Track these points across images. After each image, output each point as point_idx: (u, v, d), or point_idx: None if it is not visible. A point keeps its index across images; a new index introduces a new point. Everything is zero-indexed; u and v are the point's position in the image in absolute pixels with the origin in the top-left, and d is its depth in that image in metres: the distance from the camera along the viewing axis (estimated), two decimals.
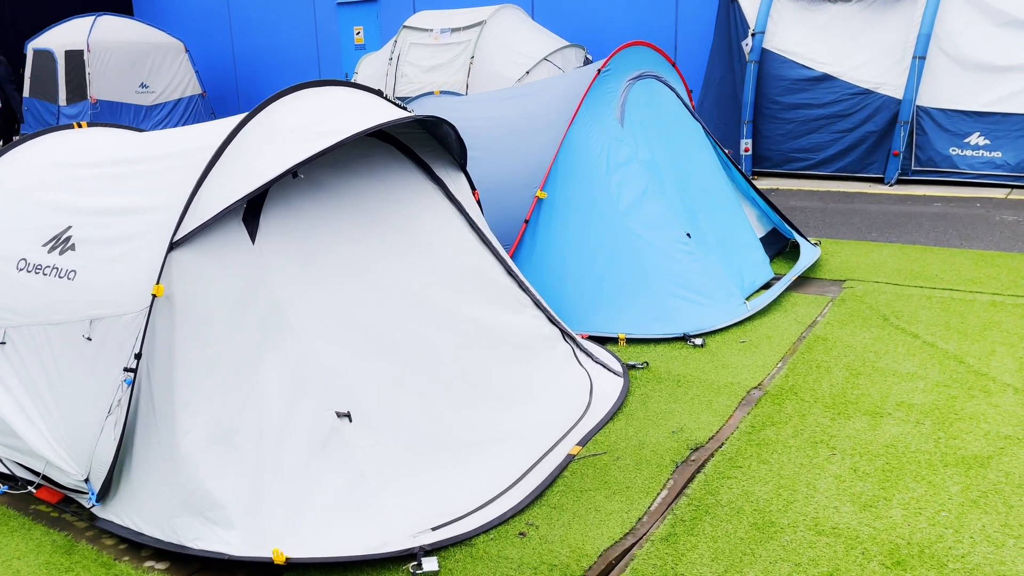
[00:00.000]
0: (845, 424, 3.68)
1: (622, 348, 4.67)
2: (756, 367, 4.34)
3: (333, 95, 3.62)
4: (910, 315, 5.00)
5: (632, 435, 3.65)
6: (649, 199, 5.13)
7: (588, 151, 5.09)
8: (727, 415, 3.83)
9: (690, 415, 3.82)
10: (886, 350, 4.49)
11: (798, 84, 10.73)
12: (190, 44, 20.27)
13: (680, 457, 3.45)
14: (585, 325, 4.83)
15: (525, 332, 3.99)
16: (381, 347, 3.29)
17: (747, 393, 4.05)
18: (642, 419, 3.80)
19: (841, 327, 4.85)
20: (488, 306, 3.89)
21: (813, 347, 4.57)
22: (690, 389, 4.10)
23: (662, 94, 5.79)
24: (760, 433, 3.63)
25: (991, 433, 3.54)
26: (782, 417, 3.77)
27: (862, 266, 6.12)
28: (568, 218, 5.01)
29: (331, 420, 3.00)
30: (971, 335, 4.64)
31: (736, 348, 4.61)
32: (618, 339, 4.74)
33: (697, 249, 5.17)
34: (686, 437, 3.61)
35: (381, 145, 3.82)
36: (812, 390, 4.04)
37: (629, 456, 3.47)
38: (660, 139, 5.49)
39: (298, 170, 3.12)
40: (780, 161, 10.98)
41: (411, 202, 3.81)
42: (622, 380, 4.13)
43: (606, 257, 4.92)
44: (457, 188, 4.20)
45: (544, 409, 3.72)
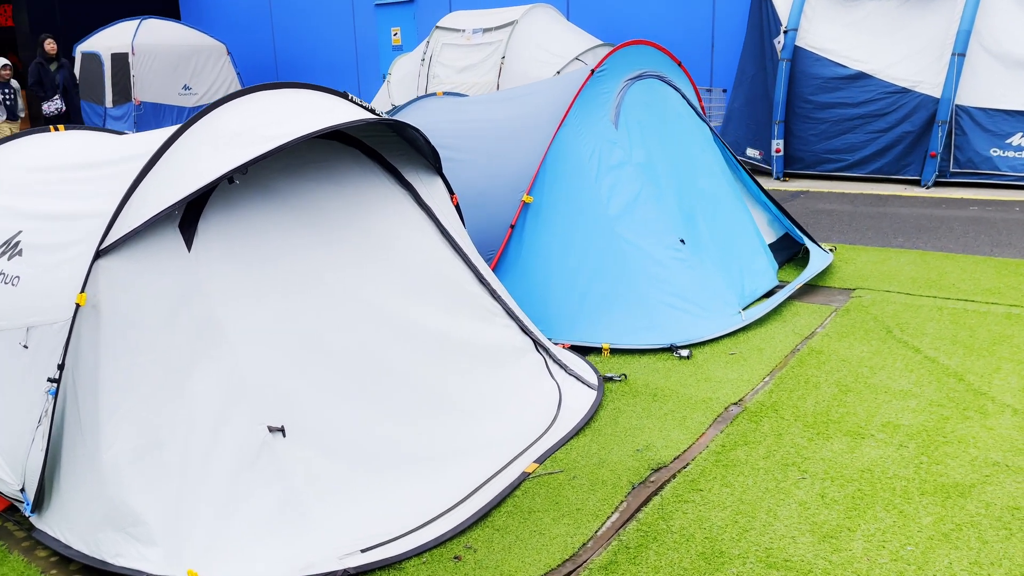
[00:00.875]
0: (822, 445, 3.47)
1: (605, 358, 4.50)
2: (740, 381, 4.13)
3: (289, 97, 3.52)
4: (916, 327, 4.73)
5: (594, 452, 3.49)
6: (642, 203, 4.94)
7: (578, 154, 4.93)
8: (699, 433, 3.64)
9: (660, 432, 3.64)
10: (883, 365, 4.24)
11: (832, 83, 10.39)
12: (234, 46, 20.55)
13: (639, 478, 3.28)
14: (569, 334, 4.67)
15: (493, 343, 3.85)
16: (326, 358, 3.19)
17: (725, 409, 3.85)
18: (609, 435, 3.63)
19: (839, 339, 4.61)
20: (453, 316, 3.76)
21: (805, 360, 4.35)
22: (666, 404, 3.92)
23: (664, 94, 5.60)
24: (730, 453, 3.44)
25: (978, 459, 3.30)
26: (757, 436, 3.57)
27: (876, 274, 5.84)
28: (555, 223, 4.85)
29: (263, 434, 2.90)
30: (977, 350, 4.37)
31: (723, 360, 4.40)
32: (602, 349, 4.57)
33: (691, 256, 4.97)
34: (650, 456, 3.44)
35: (344, 149, 3.72)
36: (795, 407, 3.82)
37: (586, 475, 3.31)
38: (658, 141, 5.30)
39: (235, 176, 3.03)
40: (813, 162, 10.64)
41: (374, 208, 3.69)
42: (595, 393, 3.97)
43: (593, 263, 4.75)
44: (430, 193, 4.08)
45: (505, 423, 3.57)
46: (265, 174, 3.33)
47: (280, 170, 3.40)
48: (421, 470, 3.20)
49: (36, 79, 12.60)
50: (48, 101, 12.56)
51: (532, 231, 4.88)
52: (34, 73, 12.61)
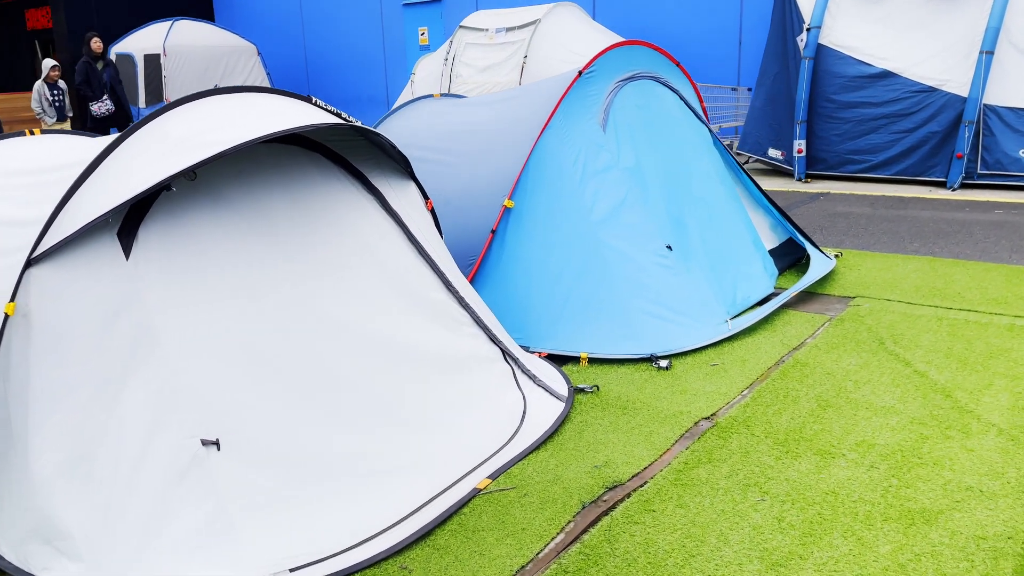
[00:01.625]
0: (790, 465, 3.32)
1: (583, 368, 4.38)
2: (716, 394, 3.99)
3: (245, 101, 3.46)
4: (911, 339, 4.54)
5: (551, 468, 3.38)
6: (628, 209, 4.81)
7: (562, 158, 4.81)
8: (663, 449, 3.50)
9: (623, 447, 3.52)
10: (868, 379, 4.06)
11: (856, 81, 10.12)
12: (266, 47, 20.73)
13: (591, 496, 3.16)
14: (547, 342, 4.56)
15: (456, 352, 3.76)
16: (269, 370, 3.12)
17: (695, 424, 3.71)
18: (570, 450, 3.52)
19: (828, 351, 4.44)
20: (414, 325, 3.67)
21: (788, 373, 4.18)
22: (635, 417, 3.79)
23: (659, 96, 5.45)
24: (691, 471, 3.30)
25: (951, 483, 3.12)
26: (723, 454, 3.43)
27: (879, 281, 5.63)
28: (536, 228, 4.74)
29: (195, 448, 2.84)
30: (971, 364, 4.17)
31: (703, 372, 4.25)
32: (580, 358, 4.45)
33: (677, 262, 4.82)
34: (608, 473, 3.32)
35: (306, 154, 3.65)
36: (768, 423, 3.67)
37: (538, 492, 3.20)
38: (649, 144, 5.16)
39: (173, 183, 2.98)
40: (836, 163, 10.38)
41: (334, 214, 3.62)
42: (563, 405, 3.85)
43: (574, 270, 4.63)
44: (400, 198, 4.00)
45: (461, 437, 3.48)
46: (217, 180, 3.27)
47: (233, 175, 3.34)
48: (366, 486, 3.11)
49: (84, 78, 12.35)
50: (98, 101, 12.34)
51: (514, 236, 4.78)
52: (81, 72, 12.38)
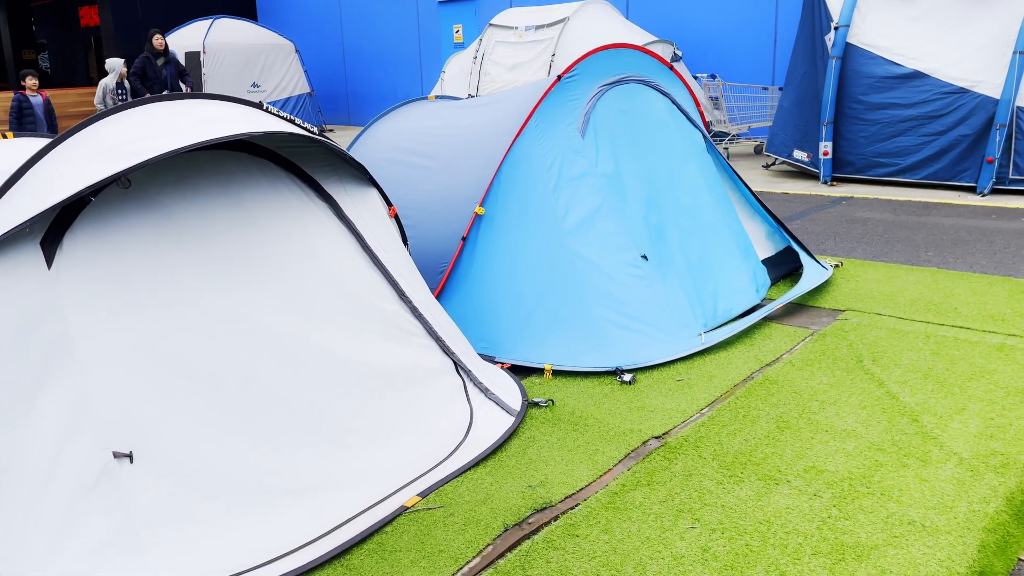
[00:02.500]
0: (730, 490, 3.19)
1: (546, 380, 4.29)
2: (675, 411, 3.86)
3: (188, 108, 3.45)
4: (891, 357, 4.35)
5: (485, 487, 3.30)
6: (602, 217, 4.70)
7: (536, 164, 4.71)
8: (605, 469, 3.40)
9: (564, 466, 3.42)
10: (835, 399, 3.90)
11: (885, 82, 9.81)
12: (307, 45, 20.94)
13: (516, 518, 3.07)
14: (512, 352, 4.48)
15: (402, 365, 3.70)
16: (194, 382, 3.09)
17: (643, 443, 3.60)
18: (510, 467, 3.44)
19: (801, 368, 4.27)
20: (359, 337, 3.62)
21: (754, 391, 4.04)
22: (584, 434, 3.69)
23: (647, 100, 5.32)
24: (627, 494, 3.20)
25: (894, 516, 2.96)
26: (664, 476, 3.31)
27: (875, 294, 5.42)
28: (506, 236, 4.66)
29: (106, 460, 2.83)
30: (948, 386, 3.97)
31: (667, 387, 4.13)
32: (544, 370, 4.36)
33: (652, 273, 4.69)
34: (541, 494, 3.23)
35: (253, 161, 3.62)
36: (719, 444, 3.54)
37: (464, 512, 3.12)
38: (631, 150, 5.03)
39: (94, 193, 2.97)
40: (862, 166, 10.09)
41: (280, 222, 3.58)
42: (513, 420, 3.77)
43: (542, 280, 4.54)
44: (357, 205, 3.96)
45: (396, 452, 3.42)
46: (154, 187, 3.26)
47: (173, 183, 3.32)
48: (285, 503, 3.07)
49: (138, 72, 12.40)
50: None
51: (484, 244, 4.70)
52: (138, 66, 12.45)
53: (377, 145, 5.63)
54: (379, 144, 5.62)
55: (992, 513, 2.96)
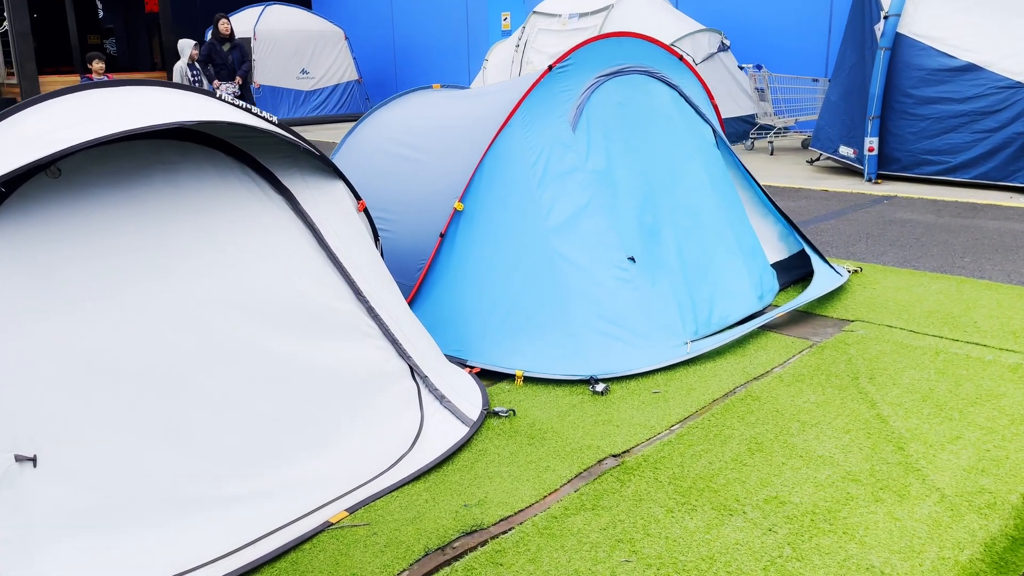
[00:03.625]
0: (680, 519, 2.93)
1: (516, 387, 4.07)
2: (642, 427, 3.61)
3: (127, 95, 3.32)
4: (891, 376, 4.01)
5: (419, 503, 3.10)
6: (589, 215, 4.44)
7: (521, 158, 4.48)
8: (552, 489, 3.17)
9: (509, 484, 3.21)
10: (818, 421, 3.60)
11: (936, 75, 9.28)
12: (358, 33, 20.92)
13: (441, 542, 2.87)
14: (485, 356, 4.26)
15: (354, 368, 3.52)
16: (110, 381, 2.95)
17: (599, 461, 3.35)
18: (451, 483, 3.23)
19: (790, 384, 3.97)
20: (308, 337, 3.45)
21: (733, 408, 3.75)
22: (539, 448, 3.46)
23: (650, 93, 5.03)
24: (568, 519, 2.96)
25: (851, 559, 2.68)
26: (611, 500, 3.07)
27: (890, 303, 5.05)
28: (486, 234, 4.44)
29: (7, 464, 2.71)
30: (947, 410, 3.63)
31: (641, 399, 3.87)
32: (516, 376, 4.13)
33: (640, 276, 4.42)
34: (475, 514, 3.01)
35: (202, 151, 3.47)
36: (680, 466, 3.28)
37: (389, 532, 2.93)
38: (627, 145, 4.76)
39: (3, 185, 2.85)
40: (910, 164, 9.58)
41: (226, 215, 3.43)
42: (467, 431, 3.56)
43: (520, 280, 4.31)
44: (317, 199, 3.79)
45: (336, 462, 3.24)
46: (87, 177, 3.13)
47: (109, 173, 3.18)
48: (205, 513, 2.92)
49: (205, 56, 12.29)
50: (224, 83, 12.21)
51: (463, 242, 4.49)
52: (204, 52, 12.37)
53: (372, 134, 5.46)
54: (374, 133, 5.45)
55: (965, 562, 2.65)
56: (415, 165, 4.95)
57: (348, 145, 5.56)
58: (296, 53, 18.44)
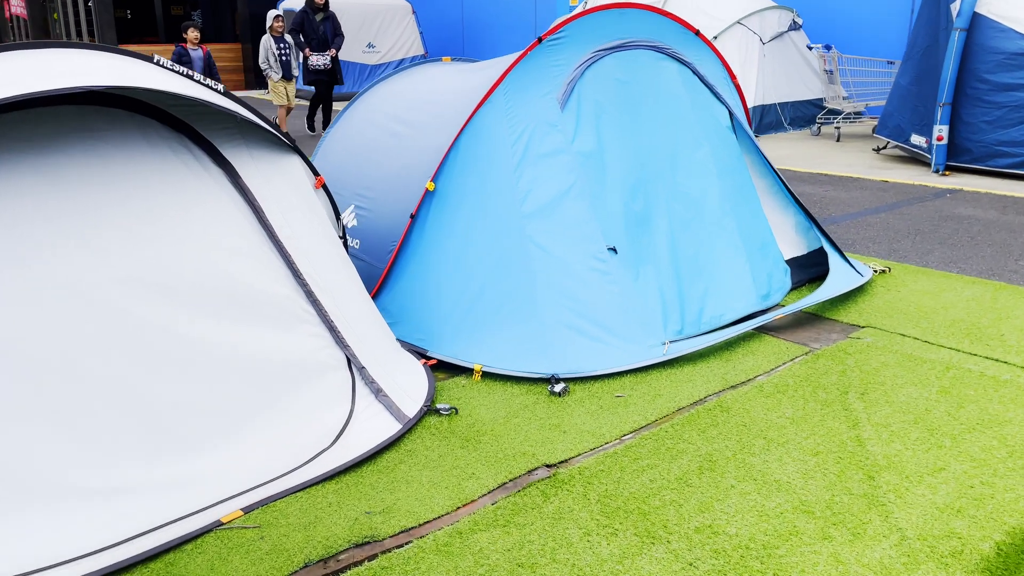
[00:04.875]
0: (596, 544, 2.62)
1: (473, 382, 3.80)
2: (591, 435, 3.30)
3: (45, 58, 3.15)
4: (885, 392, 3.59)
5: (321, 507, 2.87)
6: (571, 201, 4.11)
7: (500, 137, 4.17)
8: (469, 499, 2.90)
9: (427, 490, 2.95)
10: (788, 439, 3.22)
11: (1016, 59, 8.56)
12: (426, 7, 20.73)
13: (326, 553, 2.63)
14: (446, 347, 4.00)
15: (283, 356, 3.30)
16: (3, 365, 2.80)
17: (530, 471, 3.06)
18: (363, 486, 2.99)
19: (770, 395, 3.59)
20: (234, 322, 3.24)
21: (696, 419, 3.40)
22: (472, 453, 3.19)
23: (657, 70, 4.65)
24: (473, 536, 2.69)
25: None
26: (529, 517, 2.78)
27: (911, 308, 4.58)
28: (458, 217, 4.16)
29: None
30: (939, 436, 3.21)
31: (600, 403, 3.55)
32: (474, 370, 3.86)
33: (619, 268, 4.08)
34: (375, 524, 2.77)
35: (133, 119, 3.29)
36: (616, 483, 2.96)
37: (277, 538, 2.71)
38: (623, 127, 4.40)
39: None
40: (982, 155, 8.87)
41: (152, 187, 3.23)
42: (399, 428, 3.31)
43: (489, 268, 4.02)
44: (265, 174, 3.58)
45: (240, 456, 3.03)
46: None
47: (23, 138, 3.02)
48: (90, 504, 2.74)
49: (297, 26, 11.82)
50: (316, 54, 11.76)
51: (434, 224, 4.22)
52: (296, 21, 11.91)
53: (369, 106, 5.23)
54: (371, 105, 5.22)
55: None
56: (399, 141, 4.70)
57: (345, 117, 5.35)
58: (363, 26, 18.35)
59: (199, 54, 10.94)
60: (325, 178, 5.06)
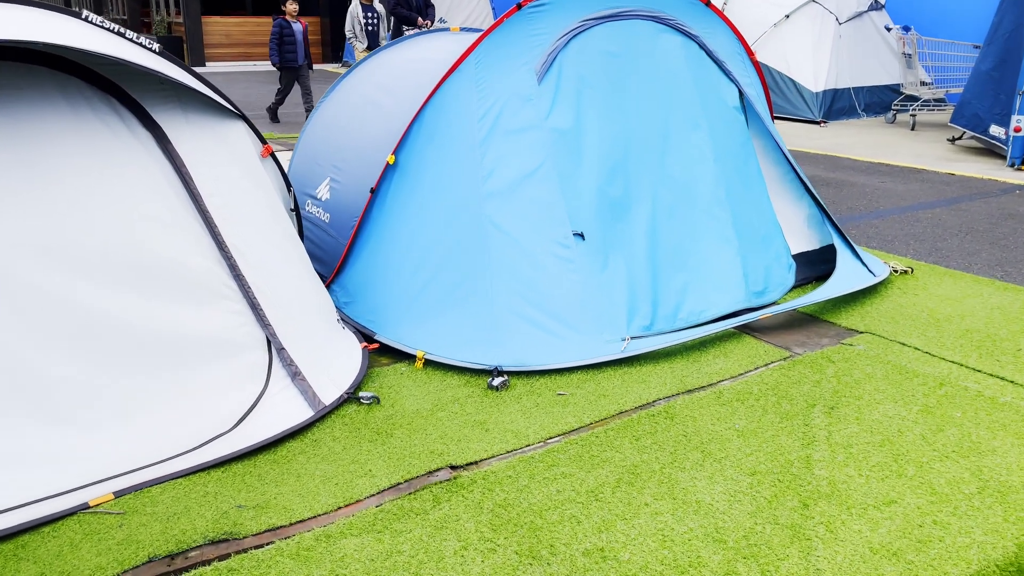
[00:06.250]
0: (466, 562, 2.36)
1: (414, 370, 3.56)
2: (513, 436, 3.02)
3: None
4: (858, 408, 3.19)
5: (196, 496, 2.68)
6: (538, 181, 3.81)
7: (467, 110, 3.89)
8: (354, 499, 2.66)
9: (314, 486, 2.73)
10: (728, 455, 2.87)
11: None
12: None
13: (177, 548, 2.43)
14: (392, 330, 3.76)
15: (187, 333, 3.11)
16: None
17: (430, 472, 2.81)
18: (249, 477, 2.79)
19: (726, 404, 3.23)
20: (144, 295, 3.06)
21: (635, 425, 3.08)
22: (378, 447, 2.95)
23: (655, 44, 4.28)
24: (339, 542, 2.46)
25: None
26: (408, 524, 2.53)
27: (923, 314, 4.11)
28: (417, 193, 3.91)
29: None
30: (902, 463, 2.81)
31: (537, 401, 3.26)
32: (416, 357, 3.62)
33: (584, 256, 3.76)
34: (242, 519, 2.56)
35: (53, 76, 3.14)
36: (517, 492, 2.68)
37: (135, 528, 2.53)
38: (608, 104, 4.06)
39: None
40: None
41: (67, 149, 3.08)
42: (310, 415, 3.10)
43: (445, 249, 3.76)
44: (203, 140, 3.40)
45: (125, 436, 2.86)
46: None
47: None
48: None
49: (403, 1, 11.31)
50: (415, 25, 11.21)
51: (394, 200, 3.98)
52: None
53: (361, 74, 5.02)
54: (363, 74, 5.01)
55: None
56: (379, 111, 4.47)
57: (339, 87, 5.14)
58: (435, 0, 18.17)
59: (299, 27, 10.75)
60: (309, 150, 4.88)
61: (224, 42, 21.09)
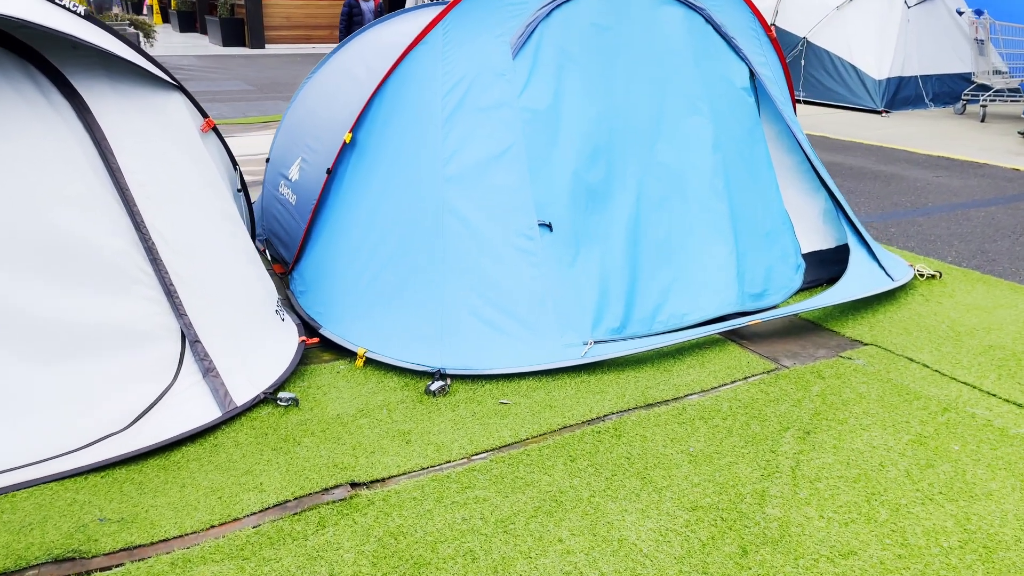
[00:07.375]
0: None
1: (353, 369, 3.24)
2: (436, 450, 2.67)
3: None
4: (838, 435, 2.75)
5: (58, 505, 2.41)
6: (504, 166, 3.44)
7: (431, 85, 3.54)
8: (233, 517, 2.36)
9: (195, 499, 2.43)
10: (672, 483, 2.48)
11: None
12: None
13: (16, 565, 2.16)
14: (336, 325, 3.45)
15: (97, 321, 2.85)
16: None
17: (327, 489, 2.48)
18: (128, 484, 2.51)
19: (684, 423, 2.83)
20: (36, 278, 2.81)
21: (575, 443, 2.71)
22: (280, 457, 2.64)
23: (654, 17, 3.87)
24: (194, 569, 2.15)
25: None
26: (280, 552, 2.21)
27: (941, 326, 3.62)
28: (374, 175, 3.58)
29: None
30: (875, 504, 2.38)
31: (476, 410, 2.91)
32: (358, 354, 3.30)
33: (549, 249, 3.38)
34: (96, 536, 2.28)
35: None
36: (416, 518, 2.34)
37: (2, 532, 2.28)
38: (593, 83, 3.66)
39: None
40: None
41: None
42: (217, 416, 2.81)
43: (398, 237, 3.43)
44: (130, 111, 3.15)
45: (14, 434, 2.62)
46: None
47: None
48: None
49: None
50: None
51: (351, 182, 3.67)
52: None
53: (349, 48, 4.72)
54: (353, 44, 4.71)
55: None
56: (356, 85, 4.14)
57: (329, 61, 4.85)
58: None
59: (370, 6, 10.53)
60: (289, 128, 4.60)
61: (284, 24, 21.12)
